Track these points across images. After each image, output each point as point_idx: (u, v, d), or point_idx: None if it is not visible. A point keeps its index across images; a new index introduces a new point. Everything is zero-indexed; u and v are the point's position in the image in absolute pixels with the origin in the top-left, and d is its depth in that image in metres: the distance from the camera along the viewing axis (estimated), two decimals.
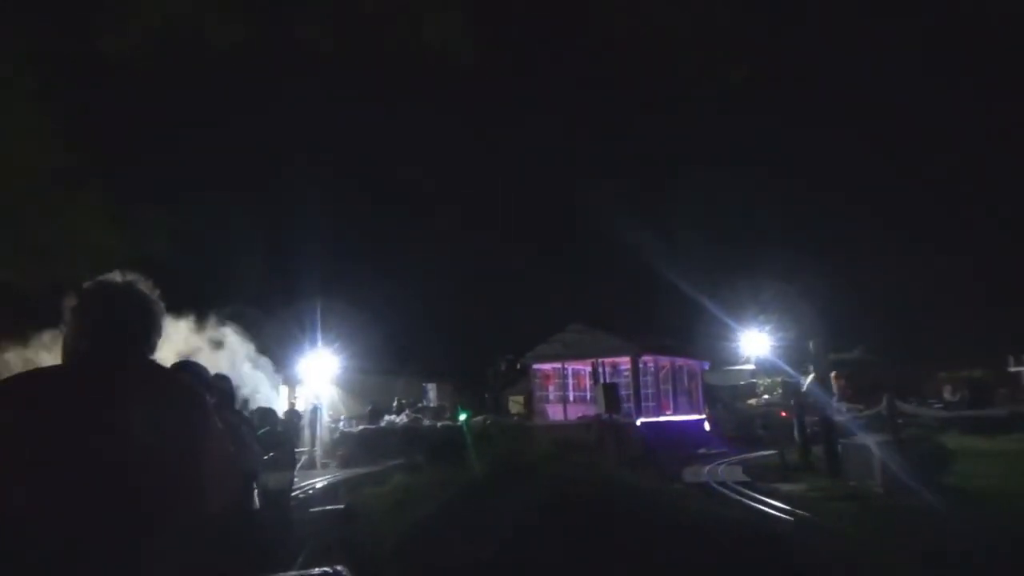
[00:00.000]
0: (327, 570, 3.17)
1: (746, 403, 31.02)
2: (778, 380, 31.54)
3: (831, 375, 15.26)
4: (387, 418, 26.11)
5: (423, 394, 33.24)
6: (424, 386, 34.38)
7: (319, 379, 25.64)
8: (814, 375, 15.55)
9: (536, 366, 26.74)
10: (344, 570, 3.20)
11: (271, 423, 7.98)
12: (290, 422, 12.37)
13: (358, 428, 25.43)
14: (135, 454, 1.75)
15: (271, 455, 6.50)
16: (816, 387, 15.06)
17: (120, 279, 2.06)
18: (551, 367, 26.68)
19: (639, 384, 24.61)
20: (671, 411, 25.82)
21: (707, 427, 26.65)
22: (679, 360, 27.22)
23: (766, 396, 32.10)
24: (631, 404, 23.65)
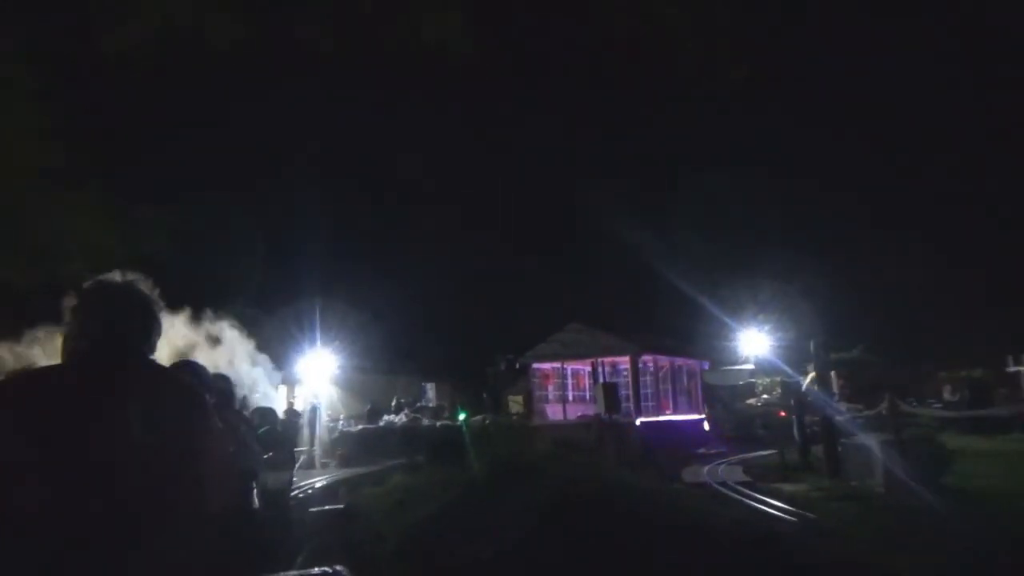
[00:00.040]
0: (327, 570, 3.17)
1: (745, 403, 31.01)
2: (777, 380, 31.55)
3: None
4: (386, 418, 26.06)
5: (422, 394, 33.19)
6: (423, 386, 34.34)
7: (318, 378, 25.62)
8: (814, 375, 15.55)
9: (535, 366, 26.73)
10: (344, 570, 3.20)
11: (271, 422, 7.97)
12: (289, 421, 12.34)
13: (357, 428, 25.38)
14: (135, 454, 1.75)
15: (270, 454, 6.50)
16: (815, 387, 15.07)
17: (120, 279, 2.06)
18: (550, 367, 26.68)
19: (638, 384, 24.60)
20: (670, 411, 25.82)
21: (706, 427, 26.64)
22: (678, 360, 27.22)
23: (765, 396, 32.09)
24: (630, 404, 23.64)
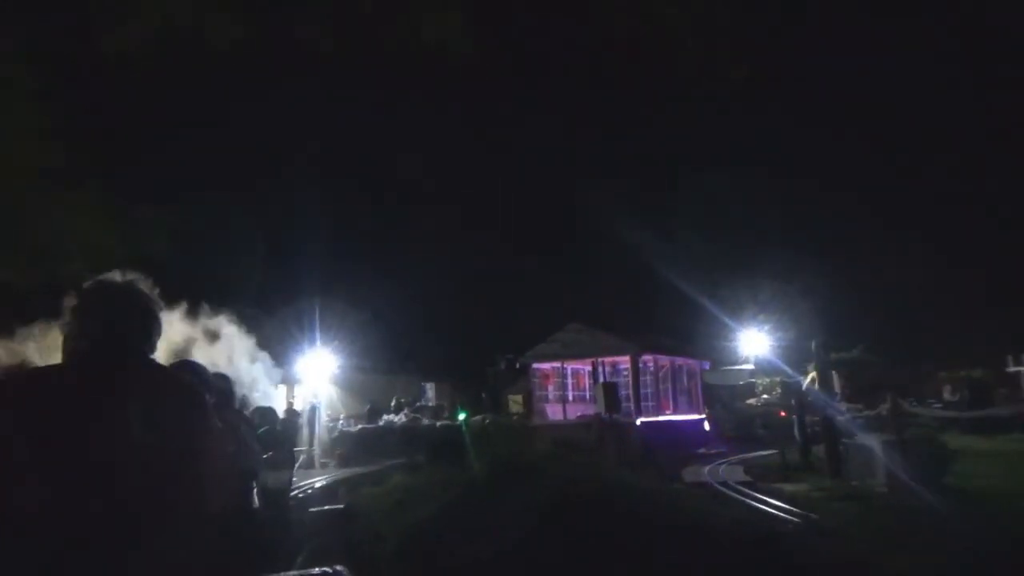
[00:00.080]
0: (327, 570, 3.17)
1: (745, 403, 31.01)
2: (777, 380, 31.56)
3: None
4: (385, 417, 26.04)
5: (421, 393, 33.18)
6: (422, 385, 34.33)
7: (317, 378, 25.62)
8: (814, 375, 15.53)
9: (535, 365, 26.71)
10: (344, 570, 3.19)
11: (270, 422, 7.97)
12: (289, 421, 12.34)
13: (357, 427, 25.37)
14: (135, 454, 1.75)
15: (270, 454, 6.49)
16: (815, 387, 15.05)
17: (120, 279, 2.05)
18: (550, 366, 26.66)
19: (639, 384, 24.58)
20: (671, 411, 25.79)
21: (707, 427, 26.63)
22: (679, 360, 27.20)
23: (765, 396, 32.11)
24: (631, 404, 23.62)
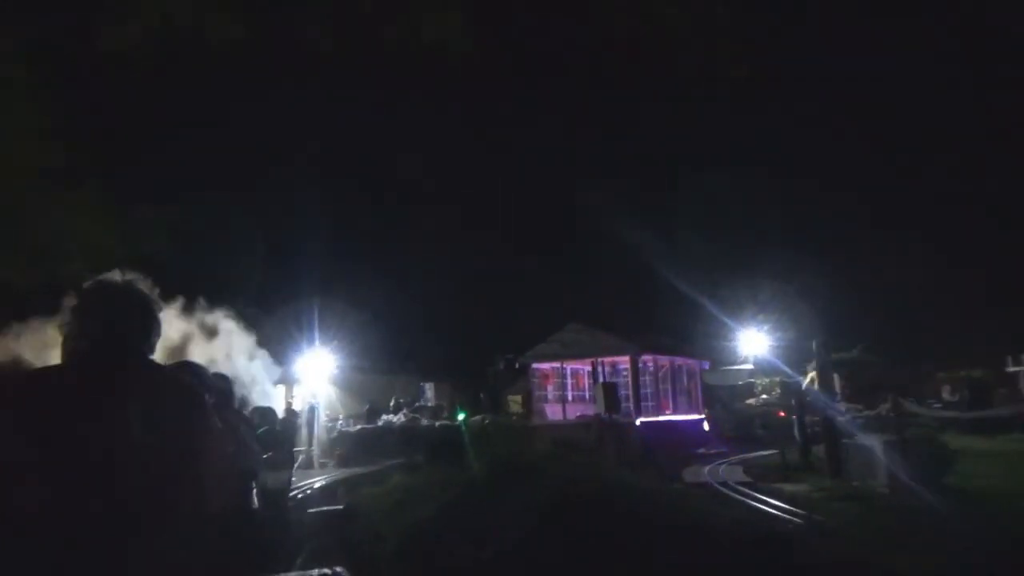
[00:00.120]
0: (326, 572, 3.17)
1: (744, 403, 31.01)
2: (776, 380, 31.55)
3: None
4: (384, 417, 26.04)
5: (420, 393, 33.15)
6: (421, 385, 34.30)
7: (316, 378, 25.61)
8: (813, 375, 15.51)
9: (535, 365, 26.71)
10: (343, 572, 3.20)
11: (270, 422, 7.96)
12: (288, 421, 12.33)
13: (356, 427, 25.36)
14: (135, 454, 1.74)
15: (269, 454, 6.48)
16: (815, 386, 15.04)
17: (119, 279, 2.05)
18: (550, 367, 26.66)
19: (638, 384, 24.58)
20: (670, 411, 25.80)
21: (706, 427, 26.62)
22: (678, 360, 27.20)
23: (764, 396, 32.09)
24: (630, 404, 23.62)
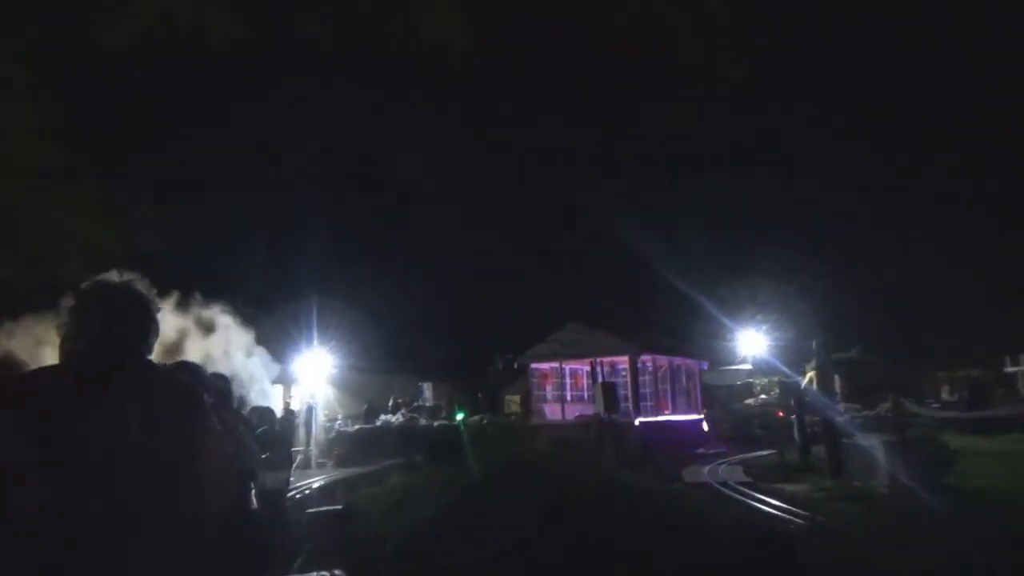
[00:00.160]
0: (325, 574, 3.16)
1: (743, 403, 31.01)
2: (775, 380, 31.56)
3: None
4: (383, 417, 26.01)
5: (418, 393, 33.13)
6: (419, 385, 34.28)
7: (314, 378, 25.58)
8: (812, 374, 15.51)
9: (534, 365, 26.70)
10: (341, 574, 3.18)
11: (268, 422, 7.94)
12: (287, 421, 12.31)
13: (354, 427, 25.34)
14: (134, 454, 1.74)
15: (267, 454, 6.46)
16: (814, 386, 15.02)
17: (117, 279, 2.05)
18: (549, 366, 26.65)
19: (637, 384, 24.56)
20: (669, 411, 25.78)
21: (705, 427, 26.62)
22: (677, 360, 27.18)
23: (763, 396, 32.10)
24: (629, 404, 23.61)
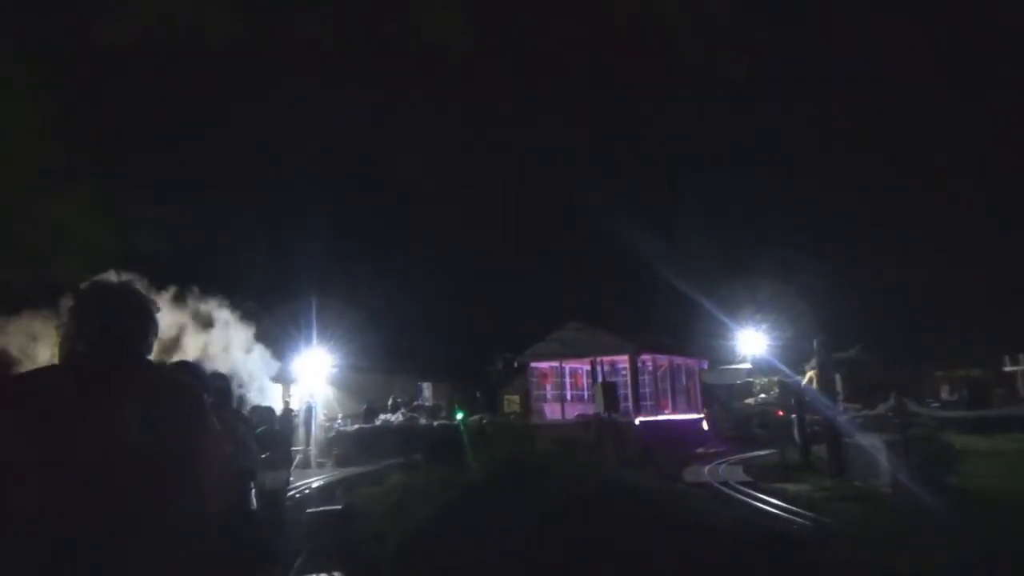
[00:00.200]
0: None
1: (743, 402, 30.98)
2: (775, 379, 31.53)
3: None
4: (382, 417, 26.01)
5: (418, 393, 33.11)
6: (419, 385, 34.27)
7: (314, 378, 25.56)
8: (811, 374, 15.48)
9: (534, 364, 26.68)
10: None
11: (268, 421, 7.94)
12: (286, 420, 12.31)
13: (353, 427, 25.33)
14: (133, 454, 1.73)
15: (267, 454, 6.45)
16: (813, 386, 14.99)
17: (116, 280, 2.05)
18: (548, 366, 26.63)
19: (637, 383, 24.55)
20: (669, 410, 25.77)
21: (705, 426, 26.62)
22: (677, 359, 27.17)
23: (762, 395, 32.07)
24: (629, 403, 23.60)
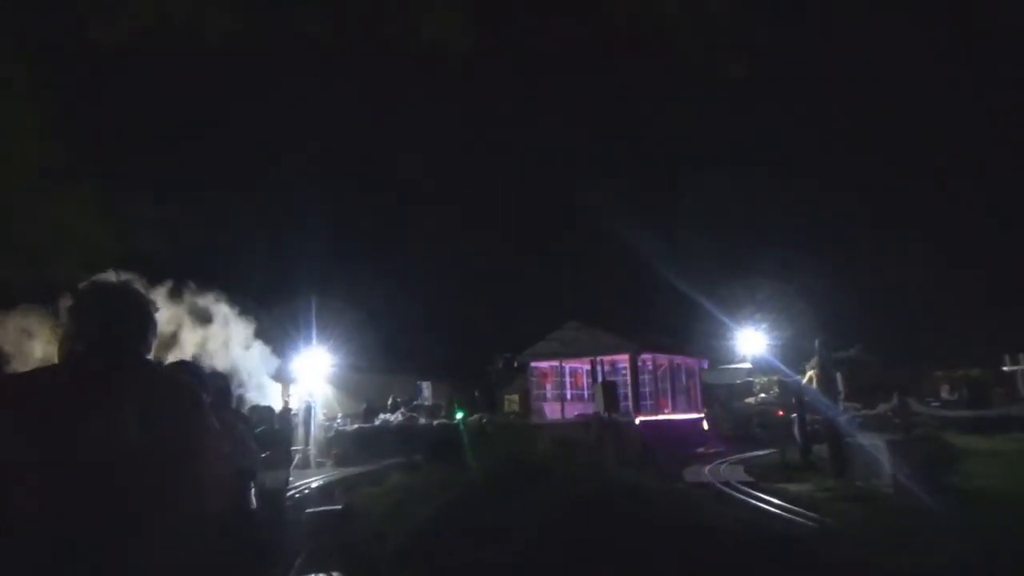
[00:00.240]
0: None
1: (743, 402, 30.96)
2: (774, 379, 31.52)
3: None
4: (382, 416, 26.00)
5: (417, 392, 33.09)
6: (418, 384, 34.24)
7: (313, 377, 25.57)
8: (811, 374, 15.45)
9: (534, 364, 26.68)
10: None
11: (267, 421, 7.94)
12: (285, 420, 12.31)
13: (353, 427, 25.32)
14: (132, 454, 1.73)
15: (266, 453, 6.45)
16: (813, 385, 14.96)
17: (115, 279, 2.05)
18: (548, 365, 26.64)
19: (637, 382, 24.55)
20: (669, 410, 25.78)
21: (705, 426, 26.62)
22: (677, 358, 27.17)
23: (762, 395, 32.06)
24: (629, 403, 23.60)
